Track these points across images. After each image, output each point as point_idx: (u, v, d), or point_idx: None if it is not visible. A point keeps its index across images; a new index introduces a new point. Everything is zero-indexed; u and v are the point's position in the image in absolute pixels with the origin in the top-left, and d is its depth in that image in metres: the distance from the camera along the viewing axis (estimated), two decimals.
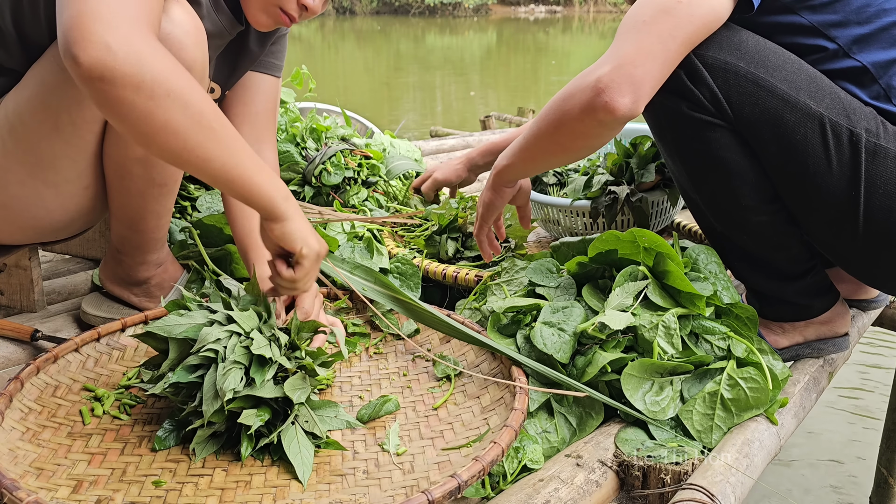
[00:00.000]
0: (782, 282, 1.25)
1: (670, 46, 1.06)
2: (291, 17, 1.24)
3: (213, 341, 0.99)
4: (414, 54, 18.23)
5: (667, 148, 1.22)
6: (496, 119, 4.84)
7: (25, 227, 1.26)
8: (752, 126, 1.10)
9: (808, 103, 1.08)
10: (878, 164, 1.08)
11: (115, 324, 1.24)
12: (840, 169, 1.09)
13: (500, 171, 1.31)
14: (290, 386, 1.00)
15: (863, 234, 1.12)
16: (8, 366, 1.28)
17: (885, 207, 1.09)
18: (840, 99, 1.10)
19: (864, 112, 1.10)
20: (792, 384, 1.25)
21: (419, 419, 1.10)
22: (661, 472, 0.99)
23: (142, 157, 1.19)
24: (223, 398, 0.95)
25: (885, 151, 1.08)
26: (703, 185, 1.20)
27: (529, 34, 24.23)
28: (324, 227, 1.58)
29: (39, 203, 1.22)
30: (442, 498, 0.83)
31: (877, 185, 1.08)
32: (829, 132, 1.08)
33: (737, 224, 1.20)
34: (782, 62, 1.10)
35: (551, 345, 1.12)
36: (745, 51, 1.10)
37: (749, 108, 1.09)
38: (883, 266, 1.18)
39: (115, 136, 1.17)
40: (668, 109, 1.15)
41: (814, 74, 1.11)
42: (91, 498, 0.90)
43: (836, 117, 1.08)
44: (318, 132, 2.05)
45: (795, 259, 1.22)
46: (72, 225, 1.32)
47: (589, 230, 1.76)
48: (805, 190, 1.12)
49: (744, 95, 1.09)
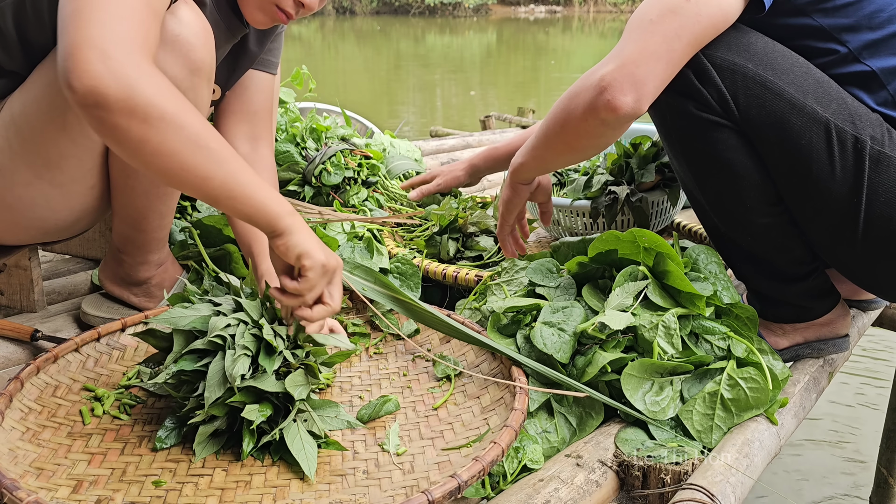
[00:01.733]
0: (784, 283, 1.25)
1: (675, 46, 1.05)
2: (288, 14, 1.24)
3: (223, 327, 0.99)
4: (414, 54, 18.23)
5: (672, 147, 1.22)
6: (496, 119, 4.84)
7: (29, 228, 1.26)
8: (757, 128, 1.10)
9: (815, 108, 1.08)
10: (881, 172, 1.08)
11: (115, 324, 1.24)
12: (843, 175, 1.09)
13: (515, 169, 1.32)
14: (291, 382, 1.00)
15: (862, 241, 1.12)
16: (8, 366, 1.28)
17: (885, 215, 1.09)
18: (847, 105, 1.09)
19: (871, 119, 1.10)
20: (792, 384, 1.25)
21: (419, 419, 1.10)
22: (661, 472, 0.99)
23: None
24: (233, 383, 0.95)
25: (889, 160, 1.08)
26: (707, 185, 1.20)
27: (529, 34, 24.24)
28: (324, 227, 1.58)
29: (45, 204, 1.22)
30: (442, 498, 0.83)
31: (878, 193, 1.08)
32: (834, 138, 1.08)
33: (740, 225, 1.20)
34: (790, 65, 1.10)
35: (551, 345, 1.12)
36: (753, 52, 1.10)
37: (756, 110, 1.09)
38: (882, 273, 1.18)
39: None
40: (674, 109, 1.15)
41: (821, 79, 1.11)
42: (91, 498, 0.90)
43: (842, 123, 1.08)
44: (318, 132, 2.05)
45: (798, 261, 1.22)
46: (75, 225, 1.32)
47: (589, 230, 1.76)
48: (807, 194, 1.12)
49: (751, 97, 1.09)
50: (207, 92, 1.20)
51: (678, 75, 1.10)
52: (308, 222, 1.43)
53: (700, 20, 1.05)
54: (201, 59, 1.14)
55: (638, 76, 1.04)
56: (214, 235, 1.52)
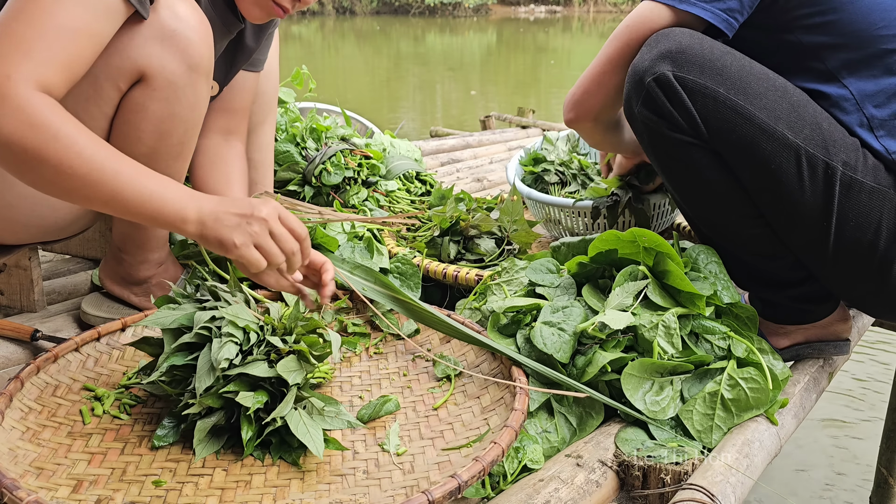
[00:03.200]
0: (780, 288, 1.25)
1: (606, 69, 1.24)
2: (284, 7, 1.24)
3: (207, 320, 1.00)
4: (414, 54, 18.23)
5: (654, 163, 1.24)
6: (496, 119, 4.83)
7: (30, 226, 1.26)
8: (727, 151, 1.11)
9: (786, 133, 1.08)
10: (851, 198, 1.09)
11: (115, 324, 1.24)
12: (813, 199, 1.09)
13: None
14: (283, 367, 1.00)
15: (832, 261, 1.14)
16: (8, 366, 1.28)
17: (854, 239, 1.10)
18: (821, 130, 1.10)
19: (846, 144, 1.10)
20: (792, 384, 1.25)
21: (419, 419, 1.10)
22: (661, 472, 0.99)
23: (146, 153, 1.19)
24: (218, 367, 0.96)
25: (860, 185, 1.08)
26: (691, 200, 1.21)
27: (529, 34, 24.23)
28: (324, 227, 1.58)
29: (45, 202, 1.22)
30: (442, 498, 0.83)
31: (848, 218, 1.09)
32: (804, 163, 1.08)
33: (729, 236, 1.21)
34: (765, 89, 1.10)
35: (551, 345, 1.12)
36: (727, 76, 1.09)
37: (726, 134, 1.10)
38: (857, 291, 1.20)
39: (122, 133, 1.17)
40: (650, 128, 1.16)
41: (798, 102, 1.11)
42: (91, 498, 0.90)
43: (813, 149, 1.08)
44: (318, 132, 2.05)
45: (791, 267, 1.22)
46: (74, 224, 1.32)
47: (590, 230, 1.76)
48: (780, 213, 1.14)
49: (721, 121, 1.09)
50: (206, 88, 1.20)
51: (651, 95, 1.12)
52: (308, 222, 1.43)
53: (631, 40, 1.19)
54: (199, 55, 1.13)
55: (577, 98, 1.30)
56: None
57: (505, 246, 1.68)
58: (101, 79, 1.10)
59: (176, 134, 1.19)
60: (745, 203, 1.15)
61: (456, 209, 1.72)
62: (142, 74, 1.12)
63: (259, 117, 1.63)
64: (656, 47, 1.12)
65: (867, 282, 1.15)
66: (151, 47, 1.09)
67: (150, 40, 1.09)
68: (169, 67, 1.11)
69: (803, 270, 1.22)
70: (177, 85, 1.14)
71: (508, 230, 1.69)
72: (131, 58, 1.09)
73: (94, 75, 1.09)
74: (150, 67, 1.11)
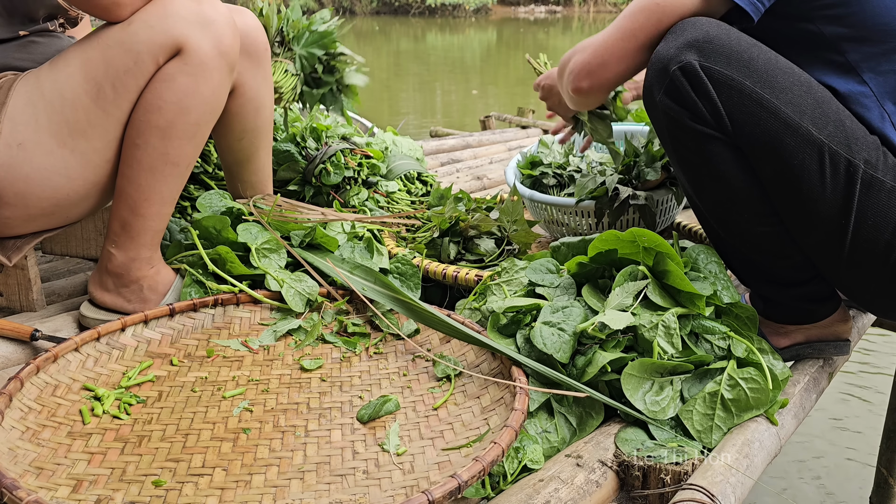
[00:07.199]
0: (784, 287, 1.25)
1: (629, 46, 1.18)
2: None
3: None
4: (414, 54, 18.23)
5: (670, 154, 1.22)
6: (496, 119, 4.82)
7: (43, 198, 1.31)
8: (750, 145, 1.10)
9: (810, 129, 1.07)
10: (871, 197, 1.08)
11: (115, 324, 1.24)
12: (833, 197, 1.09)
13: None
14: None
15: (847, 261, 1.13)
16: (8, 366, 1.28)
17: (871, 239, 1.10)
18: (844, 127, 1.09)
19: (867, 141, 1.10)
20: (792, 384, 1.25)
21: (419, 419, 1.10)
22: (661, 472, 0.99)
23: (163, 126, 1.29)
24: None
25: (881, 184, 1.08)
26: (704, 194, 1.20)
27: (529, 34, 24.22)
28: (324, 226, 1.58)
29: (63, 171, 1.29)
30: (442, 498, 0.83)
31: (867, 217, 1.09)
32: (826, 160, 1.07)
33: (739, 232, 1.20)
34: (790, 84, 1.09)
35: (551, 345, 1.12)
36: (754, 69, 1.08)
37: (750, 128, 1.09)
38: (869, 291, 1.19)
39: (146, 102, 1.29)
40: (670, 117, 1.14)
41: (822, 98, 1.10)
42: (91, 497, 0.90)
43: (837, 146, 1.07)
44: (319, 131, 2.05)
45: (798, 267, 1.22)
46: (84, 202, 1.36)
47: (593, 230, 1.76)
48: (798, 210, 1.13)
49: (746, 114, 1.08)
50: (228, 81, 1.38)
51: (675, 85, 1.10)
52: (308, 222, 1.43)
53: (661, 20, 1.14)
54: (230, 46, 1.31)
55: (593, 69, 1.23)
56: (213, 236, 1.51)
57: (505, 246, 1.68)
58: (143, 53, 1.25)
59: (195, 112, 1.31)
60: (761, 199, 1.15)
61: (455, 209, 1.72)
62: (179, 48, 1.27)
63: (252, 149, 1.64)
64: (682, 35, 1.10)
65: (880, 282, 1.15)
66: (192, 28, 1.27)
67: (192, 24, 1.27)
68: (204, 48, 1.28)
69: (809, 270, 1.22)
70: (207, 66, 1.29)
71: (508, 230, 1.69)
72: (174, 35, 1.26)
73: (136, 51, 1.25)
74: (188, 43, 1.27)
